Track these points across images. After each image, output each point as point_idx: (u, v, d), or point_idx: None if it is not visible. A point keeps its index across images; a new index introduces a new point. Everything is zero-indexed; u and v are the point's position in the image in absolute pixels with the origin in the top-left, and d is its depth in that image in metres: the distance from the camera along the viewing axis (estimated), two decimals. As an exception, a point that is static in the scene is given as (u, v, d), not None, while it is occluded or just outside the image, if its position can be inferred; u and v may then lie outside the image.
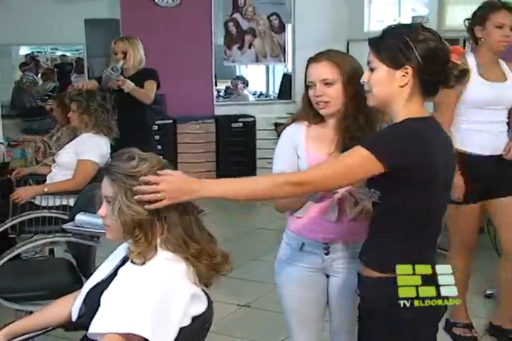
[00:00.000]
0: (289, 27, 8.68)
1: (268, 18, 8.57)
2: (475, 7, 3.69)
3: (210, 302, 2.05)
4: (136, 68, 4.97)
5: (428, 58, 1.99)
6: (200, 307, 1.99)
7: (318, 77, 2.44)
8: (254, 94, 10.01)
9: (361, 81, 2.13)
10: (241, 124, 8.20)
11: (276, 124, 7.49)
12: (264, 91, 10.21)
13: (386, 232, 2.09)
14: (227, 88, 9.76)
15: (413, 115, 2.03)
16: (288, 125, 2.59)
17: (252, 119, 8.22)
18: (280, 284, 2.66)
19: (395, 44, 2.01)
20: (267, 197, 2.05)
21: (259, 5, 8.50)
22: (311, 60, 2.49)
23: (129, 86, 4.79)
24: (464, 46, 6.89)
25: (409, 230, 2.06)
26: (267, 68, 10.18)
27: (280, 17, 8.60)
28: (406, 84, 2.02)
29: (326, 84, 2.42)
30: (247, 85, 9.70)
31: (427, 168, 1.99)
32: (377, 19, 8.52)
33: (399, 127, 2.04)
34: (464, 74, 2.04)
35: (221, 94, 9.64)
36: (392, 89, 2.04)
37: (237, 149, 8.12)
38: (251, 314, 4.16)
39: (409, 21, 8.15)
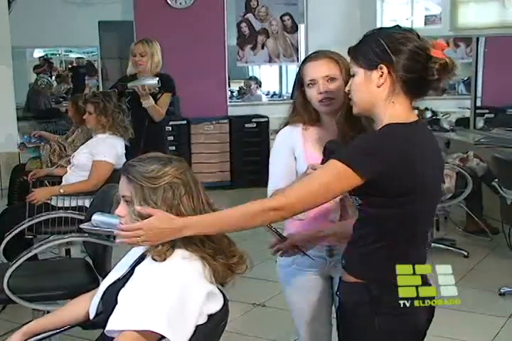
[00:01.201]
0: (301, 27, 8.68)
1: (281, 18, 8.58)
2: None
3: (225, 301, 2.06)
4: (152, 72, 4.92)
5: (408, 56, 1.94)
6: (216, 306, 2.00)
7: (320, 74, 2.42)
8: (267, 95, 10.01)
9: (346, 90, 2.10)
10: (254, 124, 8.20)
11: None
12: (277, 92, 10.22)
13: (364, 239, 2.03)
14: (240, 88, 9.78)
15: (396, 120, 1.96)
16: (282, 128, 2.57)
17: (265, 119, 8.22)
18: (285, 288, 2.66)
19: (369, 47, 1.99)
20: (257, 225, 1.99)
21: (272, 5, 8.51)
22: (309, 59, 2.49)
23: (149, 103, 4.76)
24: (477, 45, 6.90)
25: (386, 238, 2.00)
26: (280, 68, 10.19)
27: (293, 17, 8.60)
28: (382, 83, 1.97)
29: (329, 80, 2.42)
30: (260, 86, 9.71)
31: (406, 177, 1.93)
32: (390, 18, 8.52)
33: (375, 136, 2.00)
34: (445, 67, 1.97)
35: (234, 94, 9.67)
36: (370, 91, 1.99)
37: (250, 149, 8.13)
38: (266, 313, 4.17)
39: (422, 20, 8.19)
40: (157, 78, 4.73)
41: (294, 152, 2.50)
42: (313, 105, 2.47)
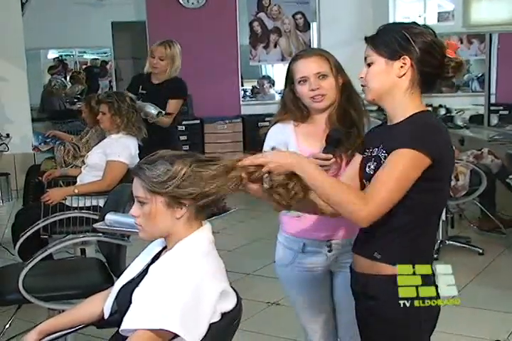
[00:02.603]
0: (314, 25, 8.69)
1: (293, 16, 8.59)
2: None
3: (239, 299, 2.06)
4: (169, 75, 4.90)
5: (425, 50, 2.01)
6: (229, 304, 2.00)
7: (311, 71, 2.45)
8: (280, 93, 10.00)
9: (358, 77, 2.13)
10: (268, 123, 8.18)
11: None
12: (290, 90, 10.21)
13: (405, 227, 2.04)
14: (253, 88, 9.78)
15: (420, 108, 2.05)
16: (271, 126, 2.59)
17: (278, 118, 8.21)
18: (287, 287, 2.68)
19: (392, 37, 2.03)
20: (334, 205, 1.97)
21: (284, 4, 8.53)
22: (299, 57, 2.52)
23: (151, 120, 4.71)
24: (491, 41, 6.87)
25: (427, 226, 2.07)
26: (293, 67, 10.17)
27: (305, 16, 8.61)
28: (404, 74, 2.03)
29: (320, 78, 2.45)
30: (273, 85, 9.71)
31: (450, 163, 2.04)
32: (403, 16, 8.50)
33: (425, 122, 2.03)
34: (460, 66, 2.05)
35: (248, 93, 9.67)
36: (389, 80, 2.04)
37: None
38: (280, 311, 4.17)
39: (435, 17, 8.17)
40: (159, 110, 4.66)
41: (287, 148, 2.50)
42: (304, 102, 2.50)
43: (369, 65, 2.08)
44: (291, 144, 2.51)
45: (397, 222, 2.05)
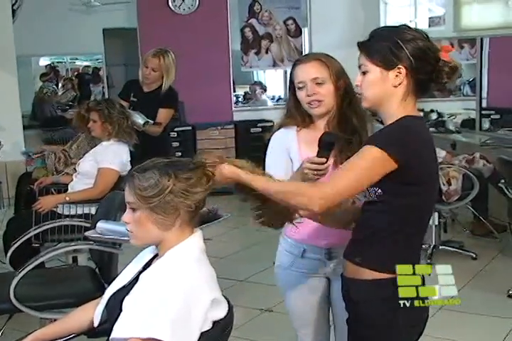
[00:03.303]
0: (305, 31, 8.69)
1: (284, 22, 8.59)
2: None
3: (230, 307, 2.05)
4: (165, 87, 4.84)
5: (419, 57, 2.01)
6: (220, 312, 1.99)
7: (308, 77, 2.45)
8: (272, 99, 10.02)
9: (354, 85, 2.15)
10: (260, 129, 8.21)
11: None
12: (282, 96, 10.22)
13: (385, 231, 2.06)
14: (245, 93, 9.78)
15: (410, 114, 2.05)
16: (276, 131, 2.59)
17: (270, 124, 8.21)
18: (284, 290, 2.67)
19: (385, 45, 2.03)
20: (289, 205, 2.02)
21: (275, 10, 8.53)
22: (298, 62, 2.52)
23: (140, 129, 4.68)
24: (482, 45, 6.89)
25: (408, 229, 2.07)
26: (285, 73, 10.18)
27: (296, 21, 8.62)
28: (400, 83, 2.03)
29: (318, 83, 2.44)
30: (265, 90, 9.72)
31: (425, 166, 2.03)
32: (394, 21, 8.51)
33: (399, 125, 2.04)
34: (454, 70, 2.05)
35: (240, 99, 9.68)
36: (385, 89, 2.04)
37: (256, 154, 8.10)
38: (273, 318, 4.16)
39: (426, 22, 8.18)
40: (145, 120, 4.64)
41: (289, 153, 2.52)
42: (304, 107, 2.49)
43: (364, 73, 2.08)
44: (293, 150, 2.51)
45: (376, 226, 2.08)
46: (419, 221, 2.12)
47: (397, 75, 2.02)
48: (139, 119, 4.61)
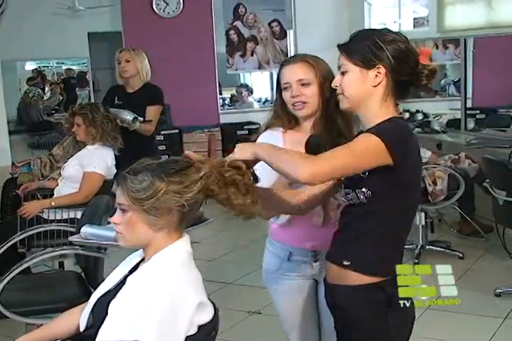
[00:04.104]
0: (290, 33, 8.71)
1: (269, 24, 8.60)
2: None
3: (216, 311, 2.05)
4: (142, 80, 4.85)
5: (399, 58, 2.02)
6: (206, 316, 1.99)
7: (294, 78, 2.44)
8: (259, 101, 10.03)
9: (333, 85, 2.14)
10: (246, 131, 8.21)
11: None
12: (269, 98, 10.24)
13: (372, 234, 2.07)
14: (232, 96, 9.79)
15: (392, 115, 2.05)
16: (262, 132, 2.59)
17: (257, 126, 8.23)
18: (272, 293, 2.66)
19: (365, 45, 2.03)
20: (283, 173, 1.98)
21: (260, 12, 8.54)
22: (285, 63, 2.51)
23: (132, 128, 4.66)
24: (465, 46, 6.92)
25: (397, 231, 2.08)
26: (271, 75, 10.20)
27: (281, 23, 8.63)
28: (379, 83, 2.03)
29: (303, 84, 2.43)
30: (251, 92, 9.73)
31: (415, 169, 2.04)
32: (379, 22, 8.55)
33: (400, 124, 2.06)
34: (433, 73, 2.06)
35: (227, 102, 9.68)
36: (365, 89, 2.05)
37: (243, 156, 8.14)
38: (261, 321, 4.16)
39: (411, 23, 8.22)
40: (134, 115, 4.61)
41: None
42: (289, 108, 2.49)
43: (343, 73, 2.09)
44: None
45: (363, 228, 2.08)
46: (406, 223, 2.12)
47: (376, 75, 2.03)
48: (128, 116, 4.59)
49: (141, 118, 4.68)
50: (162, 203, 1.91)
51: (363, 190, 2.02)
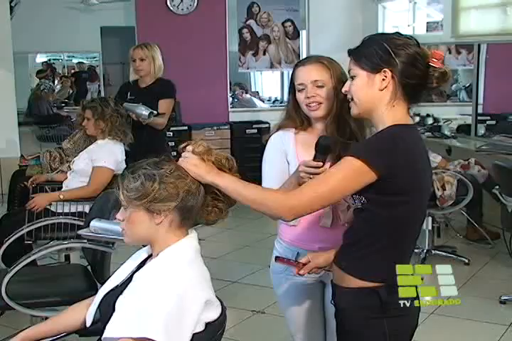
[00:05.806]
0: (303, 33, 8.69)
1: (282, 24, 8.58)
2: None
3: (223, 309, 2.05)
4: (154, 76, 4.91)
5: (408, 62, 2.00)
6: (213, 314, 1.99)
7: (309, 79, 2.44)
8: (269, 101, 10.03)
9: (343, 90, 2.13)
10: (255, 130, 8.21)
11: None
12: (278, 98, 10.24)
13: (369, 239, 2.05)
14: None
15: (398, 122, 2.03)
16: (274, 133, 2.58)
17: (266, 125, 8.23)
18: (279, 295, 2.66)
19: (373, 50, 2.02)
20: (258, 211, 2.02)
21: (274, 11, 8.52)
22: (300, 64, 2.51)
23: (145, 122, 4.70)
24: (479, 51, 6.90)
25: (393, 240, 2.04)
26: (282, 74, 10.20)
27: (295, 23, 8.61)
28: (386, 87, 2.01)
29: (318, 86, 2.43)
30: (246, 91, 9.72)
31: (410, 176, 1.99)
32: (392, 25, 8.53)
33: (385, 135, 2.02)
34: (444, 76, 2.04)
35: (236, 100, 9.69)
36: (372, 93, 2.03)
37: (252, 155, 8.12)
38: (265, 320, 4.16)
39: (424, 27, 8.20)
40: (150, 110, 4.64)
41: (286, 156, 2.50)
42: (303, 109, 2.48)
43: (352, 77, 2.08)
44: (290, 152, 2.50)
45: (361, 233, 2.08)
46: (405, 231, 2.07)
47: (383, 79, 2.01)
48: (144, 111, 4.62)
49: (155, 112, 4.71)
50: (157, 202, 1.92)
51: (359, 196, 2.02)
